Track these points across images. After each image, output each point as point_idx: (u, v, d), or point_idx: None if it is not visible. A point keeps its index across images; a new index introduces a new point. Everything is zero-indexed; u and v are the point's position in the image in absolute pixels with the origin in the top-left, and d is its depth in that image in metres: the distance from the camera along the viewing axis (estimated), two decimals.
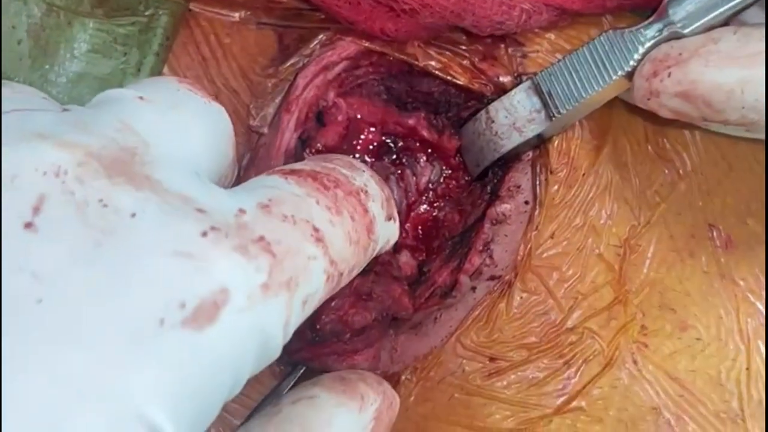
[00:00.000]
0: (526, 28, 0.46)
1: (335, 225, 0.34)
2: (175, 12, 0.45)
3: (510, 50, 0.47)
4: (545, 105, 0.46)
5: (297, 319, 0.31)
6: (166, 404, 0.26)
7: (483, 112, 0.47)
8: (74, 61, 0.43)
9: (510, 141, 0.47)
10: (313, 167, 0.37)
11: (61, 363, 0.25)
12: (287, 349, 0.32)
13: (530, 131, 0.46)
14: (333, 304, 0.42)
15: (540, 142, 0.47)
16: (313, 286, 0.32)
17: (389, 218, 0.39)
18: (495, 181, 0.49)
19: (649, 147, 0.47)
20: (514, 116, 0.47)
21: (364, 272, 0.43)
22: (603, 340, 0.45)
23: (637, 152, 0.47)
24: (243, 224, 0.30)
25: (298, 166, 0.37)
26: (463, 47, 0.48)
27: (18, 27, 0.41)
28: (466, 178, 0.50)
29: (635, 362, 0.45)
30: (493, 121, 0.47)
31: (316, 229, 0.33)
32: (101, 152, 0.29)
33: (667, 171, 0.47)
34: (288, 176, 0.35)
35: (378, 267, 0.44)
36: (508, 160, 0.48)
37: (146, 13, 0.44)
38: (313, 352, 0.44)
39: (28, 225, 0.27)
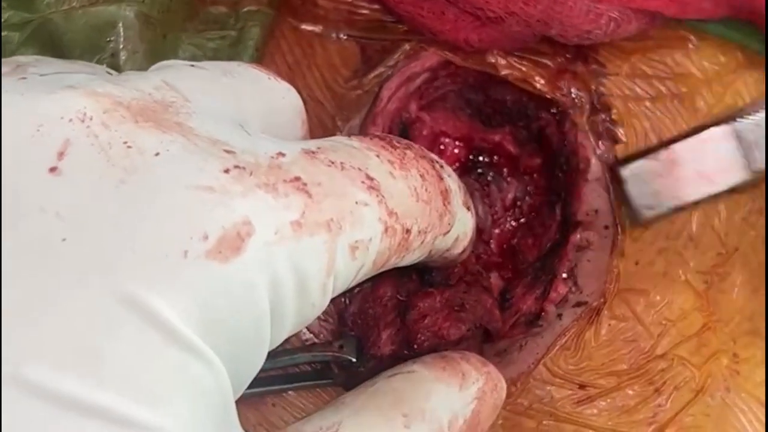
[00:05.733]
0: (615, 37, 0.47)
1: (397, 178, 0.34)
2: (265, 23, 0.46)
3: (589, 69, 0.49)
4: (746, 155, 0.45)
5: (346, 264, 0.32)
6: (198, 330, 0.27)
7: (663, 151, 0.47)
8: None
9: (695, 190, 0.46)
10: (385, 134, 0.37)
11: (87, 297, 0.26)
12: None
13: (723, 182, 0.45)
14: (426, 321, 0.43)
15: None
16: (364, 232, 0.32)
17: (466, 206, 0.40)
18: (564, 203, 0.51)
19: None
20: (703, 163, 0.45)
21: (454, 283, 0.45)
22: (694, 367, 0.47)
23: None
24: (276, 165, 0.31)
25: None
26: (544, 60, 0.49)
27: (116, 39, 0.42)
28: (539, 199, 0.52)
29: (727, 390, 0.47)
30: (677, 164, 0.46)
31: (369, 178, 0.33)
32: (131, 102, 0.30)
33: (754, 198, 0.49)
34: (352, 135, 0.36)
35: (468, 277, 0.46)
36: (576, 176, 0.50)
37: (237, 26, 0.45)
38: None
39: (53, 169, 0.28)
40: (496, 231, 0.51)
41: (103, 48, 0.43)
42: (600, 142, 0.49)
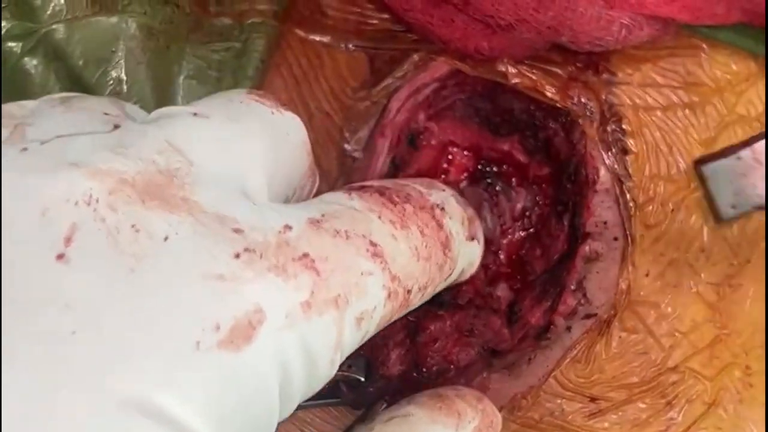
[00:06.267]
0: (626, 44, 0.47)
1: (398, 239, 0.35)
2: (270, 35, 0.46)
3: (600, 78, 0.49)
4: None
5: (352, 336, 0.32)
6: (211, 424, 0.27)
7: (748, 150, 0.46)
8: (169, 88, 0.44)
9: None
10: (384, 183, 0.37)
11: (97, 398, 0.26)
12: None
13: None
14: (436, 345, 0.43)
15: None
16: (368, 302, 0.33)
17: (471, 238, 0.40)
18: (572, 213, 0.50)
19: None
20: None
21: (464, 304, 0.45)
22: (706, 380, 0.47)
23: None
24: (284, 242, 0.31)
25: (368, 183, 0.37)
26: (554, 69, 0.49)
27: (119, 50, 0.42)
28: (547, 209, 0.51)
29: (740, 402, 0.47)
30: (759, 163, 0.46)
31: (373, 244, 0.33)
32: (135, 177, 0.30)
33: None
34: (352, 192, 0.36)
35: (478, 300, 0.45)
36: (584, 187, 0.49)
37: (241, 38, 0.45)
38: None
39: (60, 257, 0.28)
40: (505, 241, 0.51)
41: (107, 59, 0.43)
42: (610, 153, 0.48)
